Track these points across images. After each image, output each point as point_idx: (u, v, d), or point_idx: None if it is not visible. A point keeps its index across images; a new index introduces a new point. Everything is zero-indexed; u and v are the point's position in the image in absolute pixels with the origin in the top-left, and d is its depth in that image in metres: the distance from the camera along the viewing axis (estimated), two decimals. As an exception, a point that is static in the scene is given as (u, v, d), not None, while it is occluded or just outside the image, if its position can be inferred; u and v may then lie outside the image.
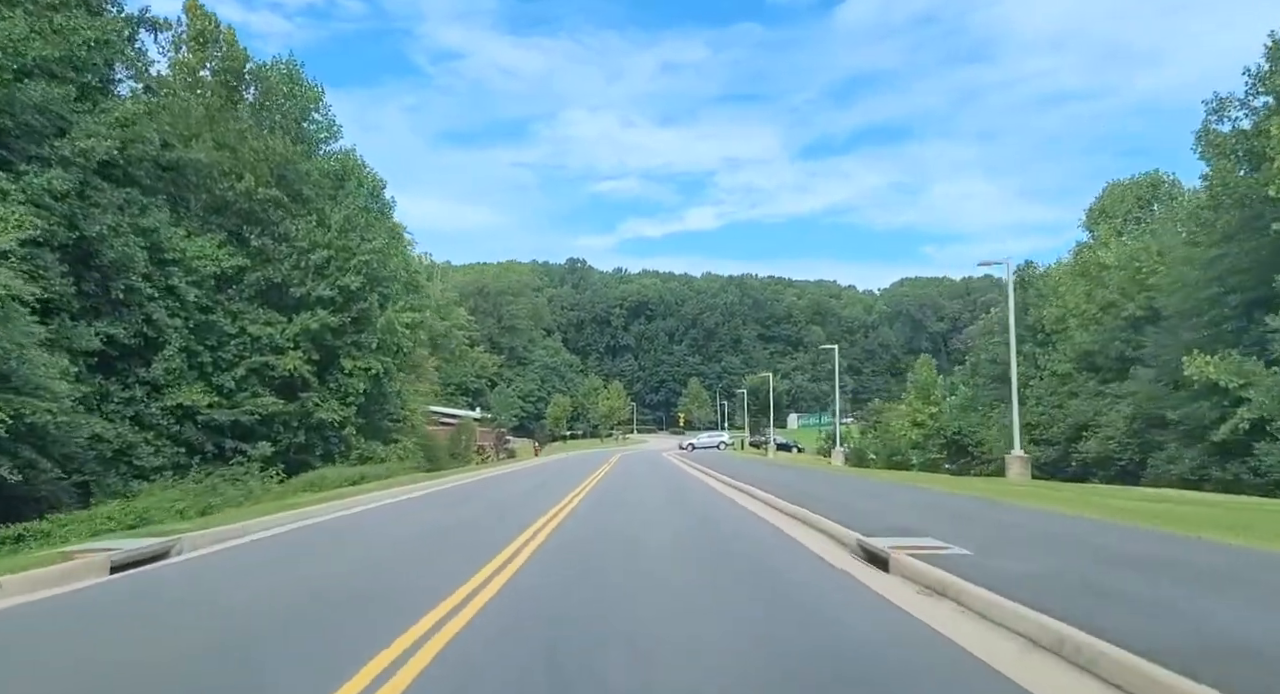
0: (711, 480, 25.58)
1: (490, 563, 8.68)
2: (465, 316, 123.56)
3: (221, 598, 7.53)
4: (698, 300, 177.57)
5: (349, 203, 32.83)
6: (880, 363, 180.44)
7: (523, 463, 52.07)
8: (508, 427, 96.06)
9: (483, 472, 36.45)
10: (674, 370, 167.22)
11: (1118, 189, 44.26)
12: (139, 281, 26.87)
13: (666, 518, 13.70)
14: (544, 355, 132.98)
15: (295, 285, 32.13)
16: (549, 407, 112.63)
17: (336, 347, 32.86)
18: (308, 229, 32.14)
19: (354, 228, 32.92)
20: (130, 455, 26.47)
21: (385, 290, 34.40)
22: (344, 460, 32.57)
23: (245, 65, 33.24)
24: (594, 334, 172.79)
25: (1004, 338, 40.52)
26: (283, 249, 32.18)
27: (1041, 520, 11.23)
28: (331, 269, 32.47)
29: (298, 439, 31.58)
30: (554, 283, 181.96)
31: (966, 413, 37.74)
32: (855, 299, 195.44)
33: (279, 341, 31.32)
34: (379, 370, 33.06)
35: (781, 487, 19.09)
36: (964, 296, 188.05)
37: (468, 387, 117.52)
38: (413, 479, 27.45)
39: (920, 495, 16.57)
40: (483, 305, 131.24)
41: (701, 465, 35.42)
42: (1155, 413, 26.32)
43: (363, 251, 32.80)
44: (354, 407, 32.74)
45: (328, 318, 31.85)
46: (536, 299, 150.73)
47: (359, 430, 33.14)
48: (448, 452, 68.42)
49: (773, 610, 6.69)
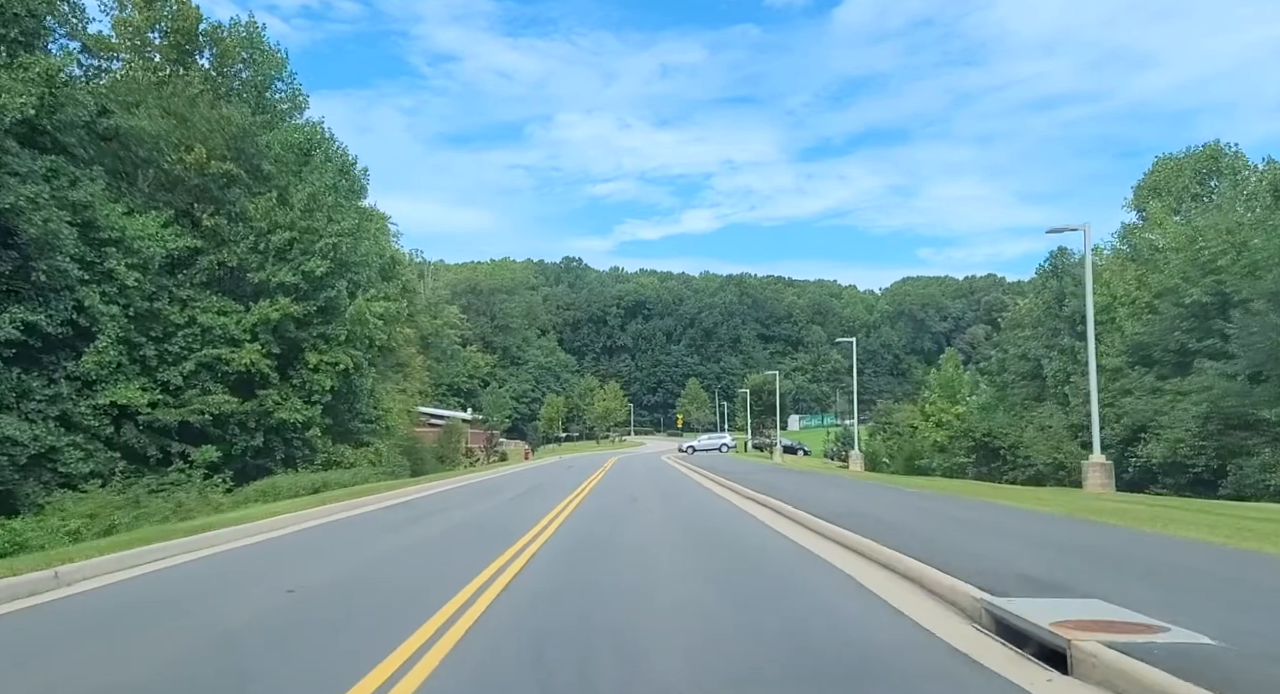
0: (724, 490, 22.17)
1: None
2: (457, 315, 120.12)
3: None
4: (696, 299, 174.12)
5: (314, 180, 29.37)
6: (882, 363, 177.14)
7: (511, 467, 48.64)
8: (500, 428, 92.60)
9: (462, 478, 33.03)
10: (672, 371, 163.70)
11: (1170, 164, 39.99)
12: (66, 263, 23.40)
13: (679, 565, 9.73)
14: (538, 355, 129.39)
15: (253, 270, 28.68)
16: (542, 407, 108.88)
17: (300, 339, 29.41)
18: (267, 208, 28.70)
19: (320, 207, 29.47)
20: (54, 461, 23.01)
21: (355, 277, 30.94)
22: (308, 466, 29.10)
23: (198, 26, 29.75)
24: (590, 334, 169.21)
25: (1036, 331, 37.25)
26: (239, 230, 28.73)
27: (1265, 570, 7.71)
28: (294, 252, 29.01)
29: (255, 442, 28.12)
30: (549, 281, 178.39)
31: (990, 413, 34.33)
32: (856, 298, 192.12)
33: (234, 333, 27.88)
34: (348, 365, 29.61)
35: (816, 501, 15.74)
36: (967, 296, 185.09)
37: (460, 387, 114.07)
38: (374, 489, 24.02)
39: (1003, 517, 13.12)
40: (475, 304, 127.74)
41: (706, 471, 32.00)
42: (1238, 412, 22.87)
43: (329, 233, 29.35)
44: (319, 406, 29.28)
45: (290, 306, 28.39)
46: (531, 297, 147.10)
47: (325, 432, 29.68)
48: (435, 454, 65.04)
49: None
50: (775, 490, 19.29)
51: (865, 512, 13.64)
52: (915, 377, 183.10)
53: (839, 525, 11.69)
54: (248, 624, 6.55)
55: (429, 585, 7.85)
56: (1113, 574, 7.29)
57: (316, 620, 6.73)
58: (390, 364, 63.46)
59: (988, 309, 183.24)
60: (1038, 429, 29.68)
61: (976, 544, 9.58)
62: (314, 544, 12.33)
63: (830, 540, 11.35)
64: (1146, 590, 6.52)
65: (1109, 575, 7.22)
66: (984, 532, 11.05)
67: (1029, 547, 9.22)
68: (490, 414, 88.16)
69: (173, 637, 6.16)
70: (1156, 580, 7.00)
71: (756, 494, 18.52)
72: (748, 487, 21.00)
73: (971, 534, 10.70)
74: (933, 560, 8.20)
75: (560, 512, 15.63)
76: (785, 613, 6.82)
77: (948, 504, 15.58)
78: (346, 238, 29.77)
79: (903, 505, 15.41)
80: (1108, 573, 7.33)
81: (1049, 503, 14.84)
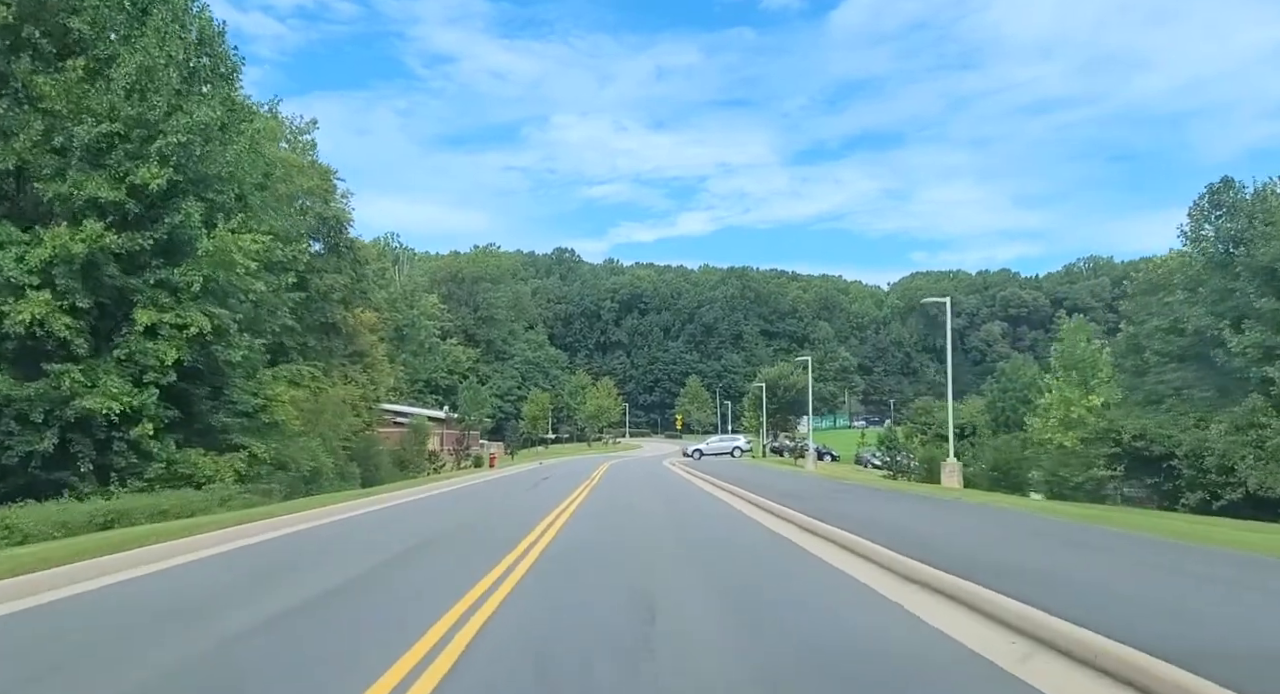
0: (797, 531, 12.24)
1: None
2: (436, 305, 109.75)
3: None
4: (695, 293, 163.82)
5: (152, 48, 19.29)
6: (892, 362, 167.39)
7: (471, 478, 38.49)
8: (479, 428, 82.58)
9: (401, 493, 22.96)
10: (669, 369, 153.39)
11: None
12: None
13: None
14: (525, 349, 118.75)
15: (48, 179, 18.67)
16: (525, 404, 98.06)
17: (127, 288, 19.41)
18: (69, 85, 18.67)
19: (159, 89, 19.40)
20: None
21: (220, 197, 20.80)
22: (135, 481, 19.03)
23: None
24: (582, 329, 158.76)
25: (1193, 297, 27.14)
26: (24, 116, 18.70)
27: None
28: (117, 155, 18.97)
29: (43, 445, 18.04)
30: (540, 274, 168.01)
31: (1128, 409, 24.65)
32: (864, 293, 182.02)
33: (10, 274, 17.88)
34: (204, 328, 19.51)
35: (1058, 583, 5.85)
36: (981, 291, 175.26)
37: (438, 384, 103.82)
38: (220, 521, 13.96)
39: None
40: (457, 293, 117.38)
41: (733, 485, 22.09)
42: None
43: (175, 129, 19.28)
44: (155, 390, 19.20)
45: (106, 236, 18.38)
46: (519, 288, 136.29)
47: (163, 430, 19.57)
48: (397, 459, 55.25)
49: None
50: (863, 522, 9.55)
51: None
52: (927, 376, 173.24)
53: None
54: None
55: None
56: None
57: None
58: (347, 352, 53.69)
59: (1004, 305, 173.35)
60: (1234, 430, 19.89)
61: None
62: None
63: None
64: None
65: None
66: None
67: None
68: (468, 413, 77.86)
69: None
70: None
71: (880, 548, 8.65)
72: (805, 514, 11.28)
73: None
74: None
75: (475, 602, 5.91)
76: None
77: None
78: (200, 134, 19.67)
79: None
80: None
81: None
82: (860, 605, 6.99)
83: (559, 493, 21.87)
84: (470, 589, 7.37)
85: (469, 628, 5.86)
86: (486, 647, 5.38)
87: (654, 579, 8.19)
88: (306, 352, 41.99)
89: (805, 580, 8.39)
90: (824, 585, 8.03)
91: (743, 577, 8.56)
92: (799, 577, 8.63)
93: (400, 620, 6.20)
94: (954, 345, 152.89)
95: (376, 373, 57.67)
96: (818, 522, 12.26)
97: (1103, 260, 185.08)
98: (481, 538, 12.39)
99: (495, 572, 8.42)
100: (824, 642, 5.64)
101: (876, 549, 9.22)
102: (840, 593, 7.60)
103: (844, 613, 6.72)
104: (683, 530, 13.38)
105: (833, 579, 8.33)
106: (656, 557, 9.99)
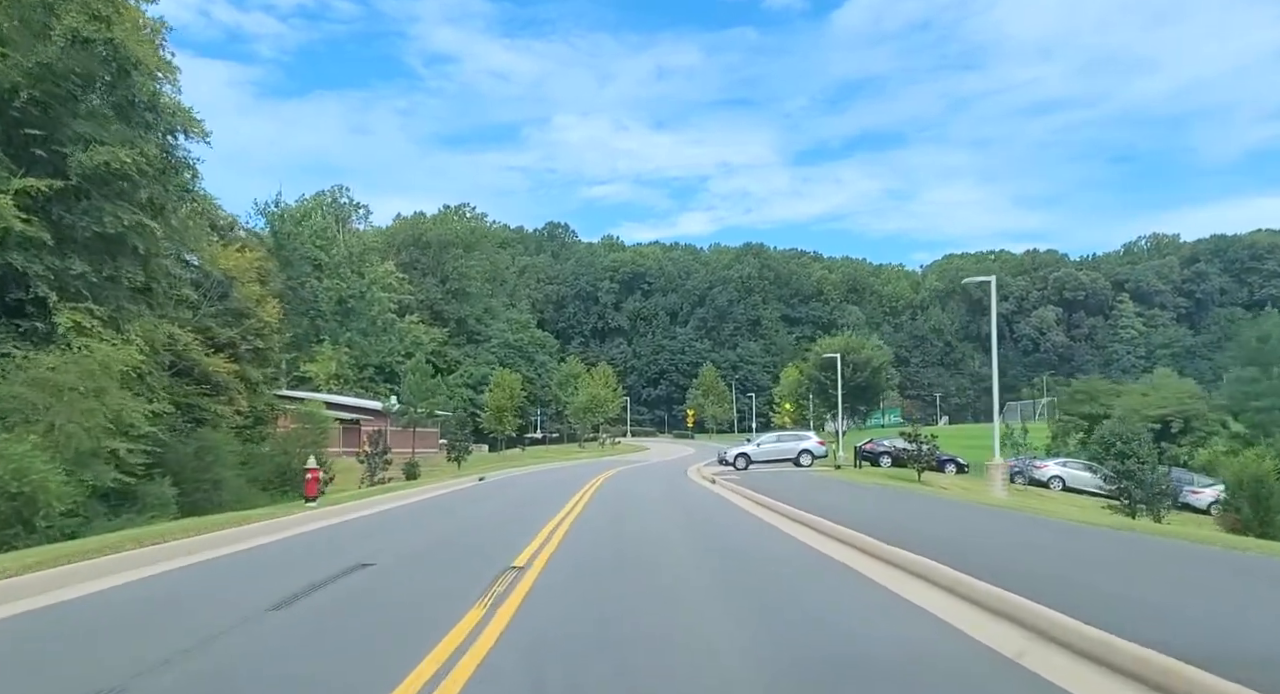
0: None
1: None
2: (393, 273, 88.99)
3: None
4: (706, 273, 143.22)
5: None
6: (931, 352, 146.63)
7: (355, 508, 17.53)
8: (428, 424, 61.72)
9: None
10: (677, 358, 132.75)
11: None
12: None
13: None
14: (506, 330, 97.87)
15: None
16: (488, 391, 76.47)
17: None
18: None
19: None
20: None
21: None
22: None
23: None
24: (577, 313, 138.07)
25: None
26: None
27: None
28: None
29: None
30: (529, 250, 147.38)
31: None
32: (897, 275, 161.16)
33: None
34: None
35: None
36: (1030, 272, 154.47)
37: (392, 369, 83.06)
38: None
39: None
40: (421, 261, 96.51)
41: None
42: None
43: None
44: None
45: None
46: (496, 256, 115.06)
47: None
48: (279, 468, 34.56)
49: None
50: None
51: None
52: (970, 368, 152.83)
53: None
54: None
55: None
56: None
57: None
58: (218, 305, 33.67)
59: (1058, 288, 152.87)
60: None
61: None
62: None
63: None
64: None
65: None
66: None
67: None
68: (414, 403, 57.15)
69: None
70: None
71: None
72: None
73: None
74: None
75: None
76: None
77: None
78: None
79: None
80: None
81: None
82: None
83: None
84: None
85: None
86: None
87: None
88: (64, 283, 21.71)
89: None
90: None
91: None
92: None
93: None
94: (1001, 333, 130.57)
95: (264, 341, 37.17)
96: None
97: (1165, 238, 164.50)
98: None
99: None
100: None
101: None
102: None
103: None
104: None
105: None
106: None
